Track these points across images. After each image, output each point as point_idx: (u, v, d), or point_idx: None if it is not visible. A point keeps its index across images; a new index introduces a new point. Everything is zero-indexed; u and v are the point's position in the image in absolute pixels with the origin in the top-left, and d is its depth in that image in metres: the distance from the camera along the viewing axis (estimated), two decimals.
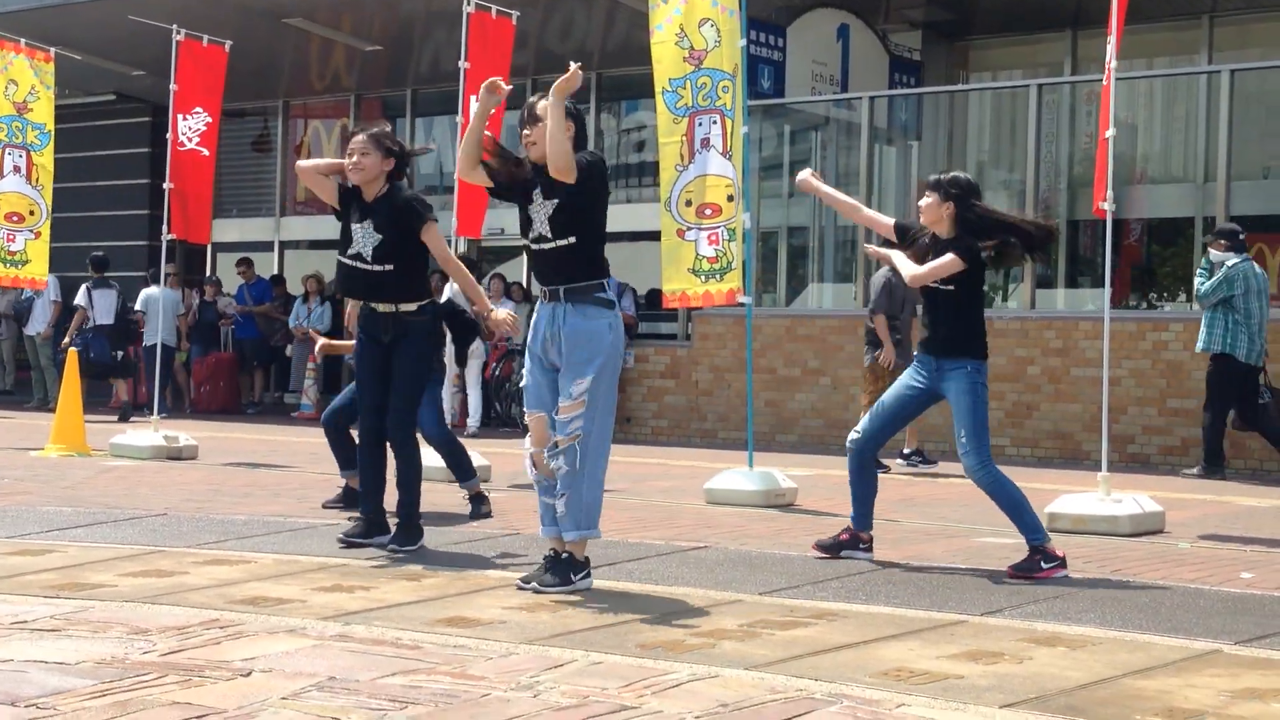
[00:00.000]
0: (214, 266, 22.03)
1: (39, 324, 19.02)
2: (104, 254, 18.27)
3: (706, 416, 15.69)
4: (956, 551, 7.44)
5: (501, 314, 7.24)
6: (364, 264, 7.12)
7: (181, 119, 12.65)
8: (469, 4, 10.99)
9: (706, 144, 9.55)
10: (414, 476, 7.26)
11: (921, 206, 6.99)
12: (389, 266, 7.10)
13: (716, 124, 9.54)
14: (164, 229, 12.68)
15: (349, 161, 7.15)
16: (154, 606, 5.60)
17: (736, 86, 9.56)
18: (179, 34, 12.72)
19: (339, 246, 7.27)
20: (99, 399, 17.27)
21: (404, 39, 18.81)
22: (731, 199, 9.51)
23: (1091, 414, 13.11)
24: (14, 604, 5.60)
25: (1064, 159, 15.22)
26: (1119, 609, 5.83)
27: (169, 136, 12.69)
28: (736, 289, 9.61)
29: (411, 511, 7.21)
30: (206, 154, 12.78)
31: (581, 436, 5.98)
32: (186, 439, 12.43)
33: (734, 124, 9.53)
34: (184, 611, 5.50)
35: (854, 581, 6.45)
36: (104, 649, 4.81)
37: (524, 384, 6.28)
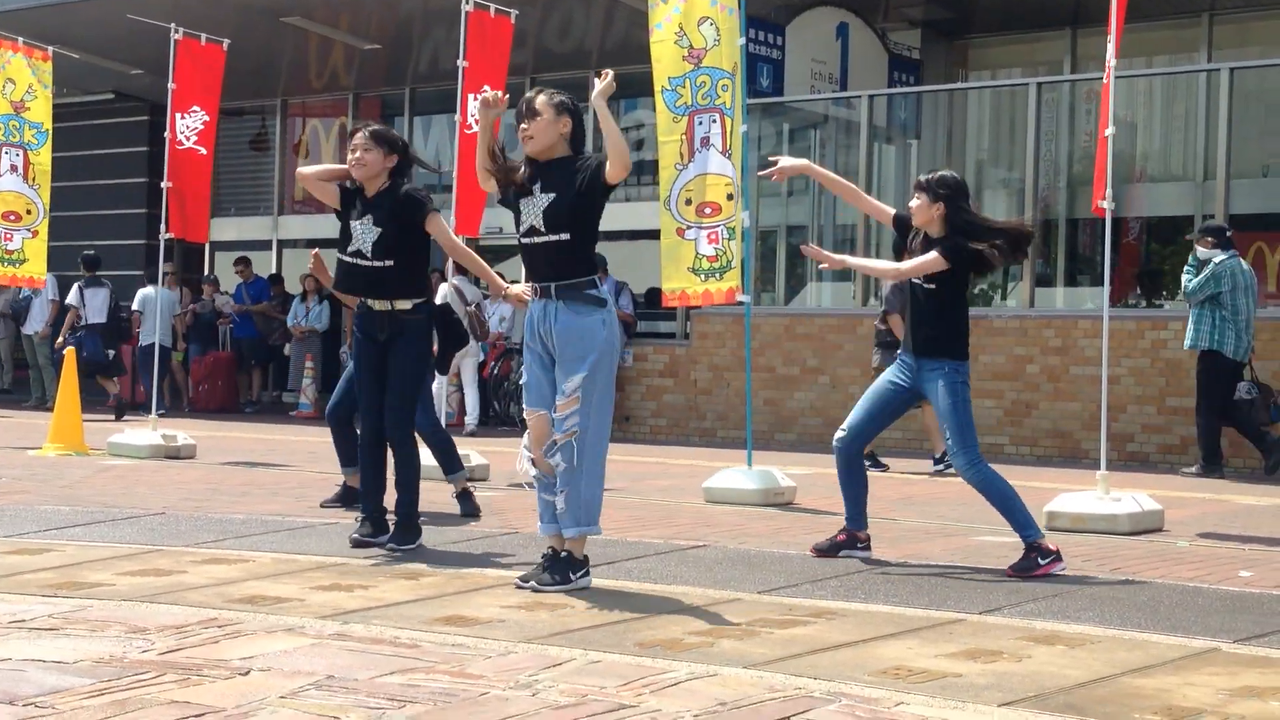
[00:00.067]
0: (212, 265, 22.03)
1: (37, 323, 18.99)
2: (95, 252, 18.26)
3: (705, 415, 15.69)
4: (955, 550, 7.44)
5: (518, 289, 7.04)
6: (364, 260, 7.11)
7: (179, 118, 12.65)
8: (467, 2, 10.97)
9: (706, 143, 9.54)
10: (413, 476, 7.26)
11: (912, 208, 7.00)
12: (389, 262, 7.09)
13: (716, 123, 9.53)
14: (162, 228, 12.67)
15: (351, 157, 7.15)
16: (152, 605, 5.60)
17: (736, 85, 9.56)
18: (177, 33, 12.72)
19: (339, 245, 7.27)
20: (95, 398, 17.26)
21: (402, 38, 18.80)
22: (731, 198, 9.50)
23: (1090, 412, 13.11)
24: (12, 603, 5.59)
25: (1063, 157, 15.22)
26: (1118, 607, 5.82)
27: (167, 135, 12.68)
28: (736, 288, 9.60)
29: (410, 511, 7.21)
30: (204, 153, 12.77)
31: (578, 433, 5.98)
32: (184, 438, 12.42)
33: (733, 123, 9.53)
34: (182, 610, 5.50)
35: (852, 580, 6.44)
36: (102, 648, 4.81)
37: (523, 381, 6.28)
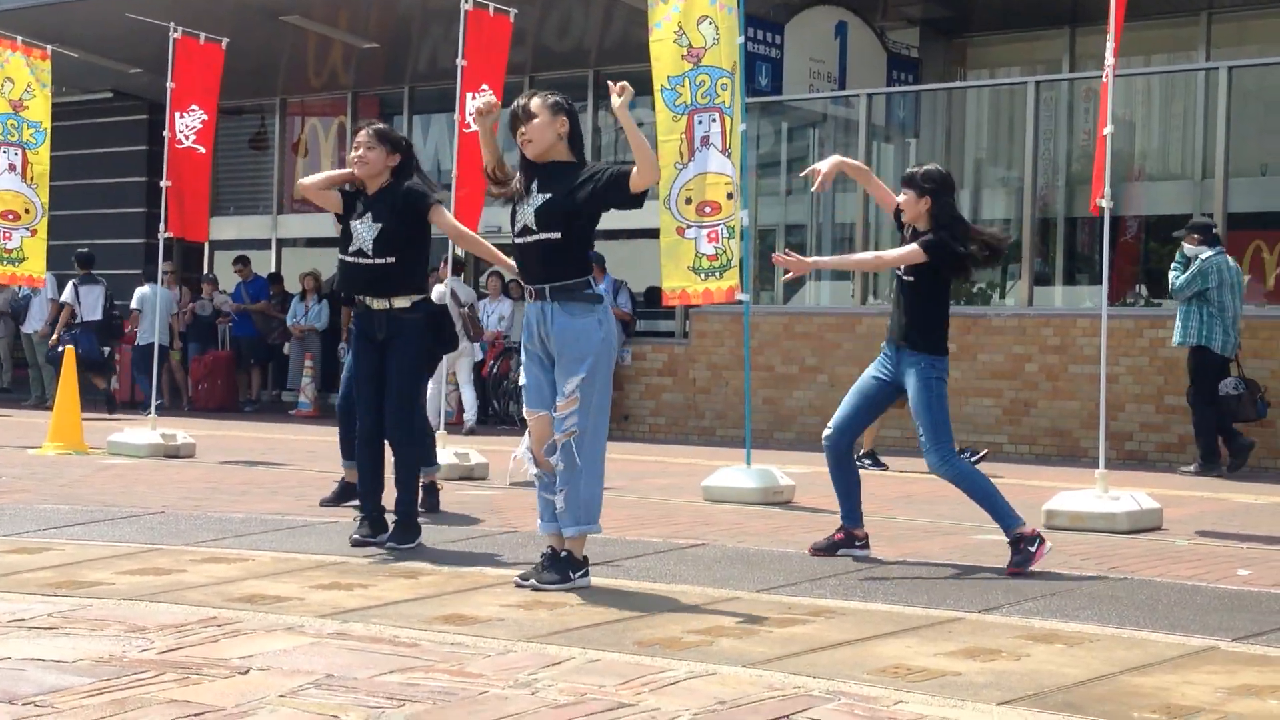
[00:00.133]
0: (211, 264, 22.03)
1: (36, 322, 18.99)
2: (89, 250, 18.25)
3: (704, 414, 15.69)
4: (954, 549, 7.44)
5: None
6: (366, 258, 7.12)
7: (179, 116, 12.64)
8: (466, 1, 10.97)
9: (706, 141, 9.54)
10: (412, 475, 7.26)
11: (900, 203, 7.03)
12: (390, 259, 7.10)
13: (716, 121, 9.53)
14: (161, 227, 12.68)
15: (354, 154, 7.16)
16: (151, 604, 5.60)
17: (735, 84, 9.56)
18: (176, 31, 12.71)
19: (340, 246, 7.27)
20: (95, 397, 17.26)
21: (401, 36, 18.80)
22: (731, 196, 9.50)
23: (1089, 411, 13.11)
24: (11, 602, 5.59)
25: (1062, 156, 15.22)
26: (1116, 606, 5.83)
27: (166, 134, 12.68)
28: (736, 286, 9.60)
29: (409, 509, 7.21)
30: (203, 152, 12.77)
31: (577, 433, 5.99)
32: (184, 437, 12.42)
33: (733, 121, 9.53)
34: (182, 609, 5.50)
35: (851, 579, 6.45)
36: (101, 647, 4.81)
37: (523, 382, 6.28)
